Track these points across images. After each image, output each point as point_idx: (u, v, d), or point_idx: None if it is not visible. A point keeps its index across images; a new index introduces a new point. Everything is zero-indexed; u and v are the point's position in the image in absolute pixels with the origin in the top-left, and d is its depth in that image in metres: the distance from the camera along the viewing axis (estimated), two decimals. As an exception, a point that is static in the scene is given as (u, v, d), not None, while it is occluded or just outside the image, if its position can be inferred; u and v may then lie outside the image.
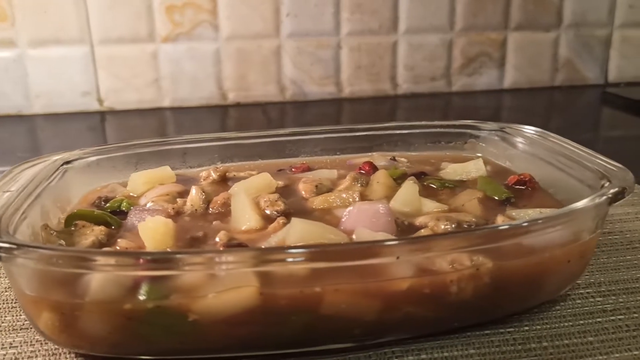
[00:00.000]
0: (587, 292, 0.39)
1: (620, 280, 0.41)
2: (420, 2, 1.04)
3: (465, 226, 0.37)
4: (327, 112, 1.04)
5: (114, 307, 0.30)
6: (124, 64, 0.98)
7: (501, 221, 0.37)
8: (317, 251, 0.29)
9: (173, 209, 0.40)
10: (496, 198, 0.42)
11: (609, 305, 0.38)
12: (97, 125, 0.98)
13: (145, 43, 0.98)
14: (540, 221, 0.32)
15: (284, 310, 0.30)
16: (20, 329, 0.36)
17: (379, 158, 0.51)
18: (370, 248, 0.30)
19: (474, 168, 0.47)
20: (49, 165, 0.42)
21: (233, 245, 0.34)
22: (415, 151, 0.52)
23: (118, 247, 0.35)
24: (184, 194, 0.44)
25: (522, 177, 0.44)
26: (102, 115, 1.00)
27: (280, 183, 0.46)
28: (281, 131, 0.51)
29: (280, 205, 0.39)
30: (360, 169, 0.48)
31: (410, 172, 0.47)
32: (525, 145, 0.47)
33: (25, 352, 0.34)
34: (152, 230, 0.35)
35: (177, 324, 0.30)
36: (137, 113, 1.01)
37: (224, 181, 0.47)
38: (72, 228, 0.37)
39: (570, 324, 0.36)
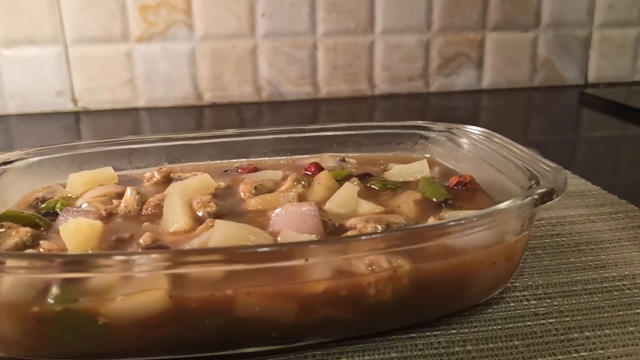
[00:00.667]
0: (523, 295, 0.39)
1: (558, 283, 0.41)
2: (397, 2, 1.03)
3: (395, 227, 0.37)
4: (304, 112, 1.04)
5: (23, 310, 0.29)
6: (98, 64, 0.98)
7: (430, 222, 0.37)
8: (221, 253, 0.29)
9: (105, 210, 0.40)
10: (434, 200, 0.41)
11: (542, 309, 0.37)
12: (72, 125, 0.98)
13: (119, 43, 0.97)
14: (458, 222, 0.31)
15: (196, 312, 0.30)
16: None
17: (328, 159, 0.50)
18: (277, 251, 0.29)
19: (418, 169, 0.46)
20: (-17, 165, 0.41)
21: (152, 247, 0.34)
22: (365, 152, 0.52)
23: (41, 249, 0.35)
24: (123, 195, 0.43)
25: (462, 178, 0.44)
26: (77, 115, 1.00)
27: (222, 184, 0.45)
28: (229, 131, 0.51)
29: (212, 207, 0.39)
30: (306, 169, 0.48)
31: (356, 173, 0.47)
32: (470, 146, 0.46)
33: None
34: (74, 232, 0.34)
35: (88, 327, 0.30)
36: (111, 113, 1.01)
37: (168, 182, 0.46)
38: (1, 229, 0.37)
39: (499, 327, 0.36)
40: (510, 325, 0.36)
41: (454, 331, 0.35)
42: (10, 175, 0.44)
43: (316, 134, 0.52)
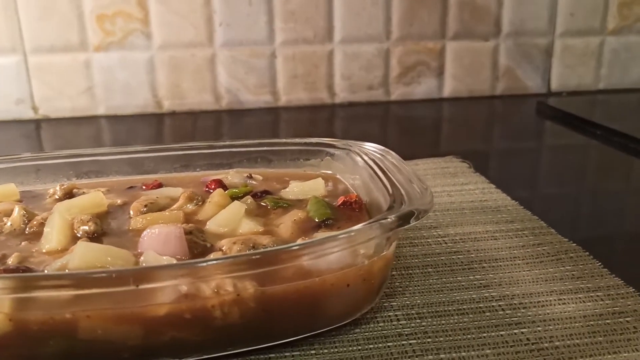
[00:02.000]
0: (395, 315, 0.40)
1: (435, 303, 0.41)
2: (355, 12, 1.04)
3: (261, 249, 0.37)
4: (264, 120, 1.05)
5: None
6: (56, 72, 0.99)
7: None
8: (48, 279, 0.30)
9: (-9, 228, 0.41)
10: (316, 219, 0.42)
11: (408, 329, 0.38)
12: (32, 133, 1.00)
13: (77, 52, 0.99)
14: (301, 247, 0.32)
15: (39, 335, 0.31)
16: None
17: (235, 175, 0.51)
18: (105, 277, 0.30)
19: (313, 187, 0.47)
20: None
21: (15, 268, 0.35)
22: (274, 168, 0.53)
23: None
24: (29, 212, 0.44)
25: (348, 198, 0.44)
26: (37, 123, 1.01)
27: (119, 201, 0.46)
28: (139, 147, 0.52)
29: (91, 226, 0.40)
30: (207, 186, 0.49)
31: (256, 191, 0.48)
32: (363, 163, 0.47)
33: None
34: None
35: None
36: (72, 121, 1.02)
37: (71, 198, 0.47)
38: None
39: (359, 347, 0.36)
40: (370, 347, 0.36)
41: (313, 351, 0.36)
42: None
43: (226, 149, 0.53)
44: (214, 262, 0.31)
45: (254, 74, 1.05)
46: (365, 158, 0.46)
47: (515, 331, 0.38)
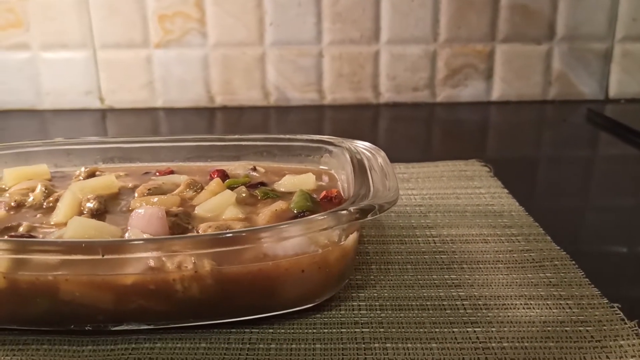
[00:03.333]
0: (358, 305, 0.42)
1: (401, 297, 0.43)
2: (402, 13, 1.05)
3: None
4: (310, 117, 1.09)
5: None
6: (121, 67, 1.08)
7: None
8: (32, 244, 0.35)
9: (16, 201, 0.47)
10: (295, 211, 0.45)
11: (365, 319, 0.40)
12: (99, 121, 1.09)
13: (139, 48, 1.07)
14: (253, 231, 0.35)
15: (28, 293, 0.36)
16: None
17: (239, 167, 0.55)
18: (76, 245, 0.35)
19: (304, 181, 0.50)
20: None
21: (19, 234, 0.40)
22: (278, 162, 0.56)
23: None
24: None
25: (329, 193, 0.47)
26: (103, 112, 1.11)
27: (130, 185, 0.51)
28: (157, 138, 0.57)
29: (95, 204, 0.45)
30: (211, 175, 0.53)
31: (252, 182, 0.51)
32: (352, 160, 0.49)
33: None
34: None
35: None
36: (133, 112, 1.11)
37: (87, 180, 0.53)
38: None
39: (314, 331, 0.39)
40: (324, 331, 0.39)
41: (271, 330, 0.39)
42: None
43: (235, 143, 0.57)
44: (171, 239, 0.35)
45: (301, 73, 1.09)
46: (351, 155, 0.48)
47: (468, 329, 0.39)
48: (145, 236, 0.40)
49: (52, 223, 0.44)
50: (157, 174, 0.55)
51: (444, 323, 0.40)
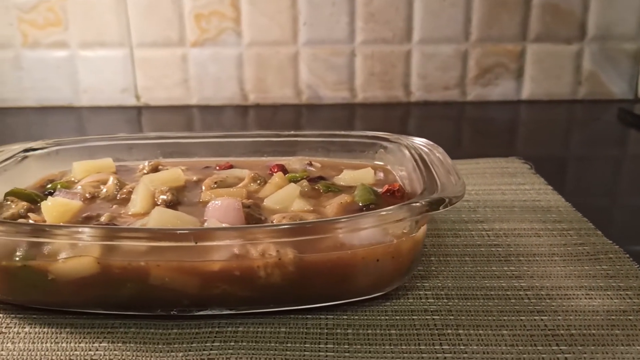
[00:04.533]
0: (425, 294, 0.44)
1: (465, 287, 0.44)
2: (434, 13, 1.07)
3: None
4: (341, 115, 1.10)
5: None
6: (157, 65, 1.10)
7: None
8: (129, 232, 0.37)
9: (90, 193, 0.49)
10: (360, 204, 0.47)
11: (434, 307, 0.42)
12: (134, 118, 1.12)
13: (176, 47, 1.09)
14: (335, 221, 0.37)
15: (119, 277, 0.38)
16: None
17: (296, 162, 0.57)
18: (172, 233, 0.37)
19: (363, 176, 0.52)
20: (7, 152, 0.52)
21: (102, 223, 0.42)
22: (332, 157, 0.58)
23: (31, 220, 0.45)
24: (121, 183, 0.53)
25: (391, 186, 0.48)
26: (139, 109, 1.13)
27: (194, 178, 0.53)
28: (216, 133, 0.59)
29: (169, 196, 0.47)
30: (270, 170, 0.55)
31: (312, 177, 0.53)
32: (410, 156, 0.51)
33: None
34: (50, 209, 0.44)
35: (41, 281, 0.39)
36: (168, 109, 1.13)
37: (155, 173, 0.55)
38: (7, 202, 0.47)
39: (386, 317, 0.41)
40: (397, 317, 0.41)
41: (345, 317, 0.41)
42: (31, 161, 0.54)
43: (291, 139, 0.58)
44: (259, 227, 0.37)
45: (334, 71, 1.11)
46: (412, 151, 0.50)
47: (535, 317, 0.40)
48: (224, 226, 0.41)
49: (129, 213, 0.46)
50: (218, 168, 0.57)
51: (511, 312, 0.41)
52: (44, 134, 1.02)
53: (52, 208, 0.44)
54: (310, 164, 0.57)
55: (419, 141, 0.52)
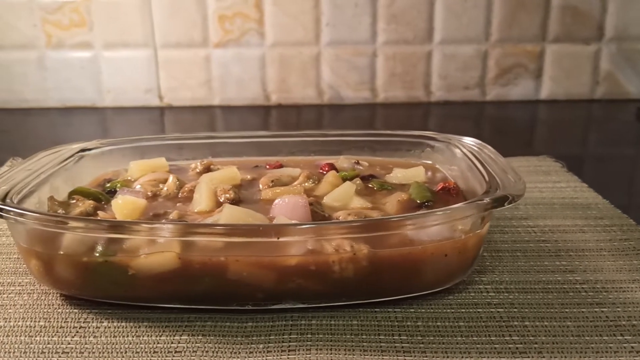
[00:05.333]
0: (485, 288, 0.45)
1: (522, 281, 0.46)
2: (456, 14, 1.08)
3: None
4: (362, 115, 1.12)
5: (76, 260, 0.40)
6: (180, 66, 1.11)
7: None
8: (214, 228, 0.38)
9: (151, 191, 0.50)
10: (418, 201, 0.48)
11: (496, 300, 0.43)
12: (158, 119, 1.13)
13: (199, 48, 1.10)
14: (408, 217, 0.38)
15: (198, 272, 0.39)
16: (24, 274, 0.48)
17: (344, 161, 0.58)
18: (254, 229, 0.38)
19: (415, 174, 0.53)
20: (67, 152, 0.53)
21: (173, 221, 0.44)
22: (379, 156, 0.59)
23: (99, 217, 0.46)
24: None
25: (447, 184, 0.50)
26: (162, 110, 1.14)
27: (249, 177, 0.55)
28: (262, 133, 0.60)
29: (231, 194, 0.48)
30: (321, 168, 0.56)
31: (363, 175, 0.55)
32: (462, 155, 0.52)
33: (26, 291, 0.45)
34: (121, 206, 0.45)
35: (121, 276, 0.40)
36: (191, 109, 1.14)
37: (208, 172, 0.56)
38: (72, 201, 0.49)
39: (452, 310, 0.42)
40: (462, 310, 0.42)
41: (412, 310, 0.42)
42: (87, 160, 0.55)
43: (337, 138, 0.60)
44: (339, 224, 0.38)
45: (355, 72, 1.12)
46: (465, 150, 0.52)
47: (596, 309, 0.42)
48: (293, 222, 0.43)
49: (195, 211, 0.47)
50: (268, 167, 0.58)
51: (571, 304, 0.43)
52: (67, 135, 1.03)
53: (123, 206, 0.45)
54: (358, 163, 0.58)
55: (469, 140, 0.53)
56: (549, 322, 0.41)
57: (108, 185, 0.53)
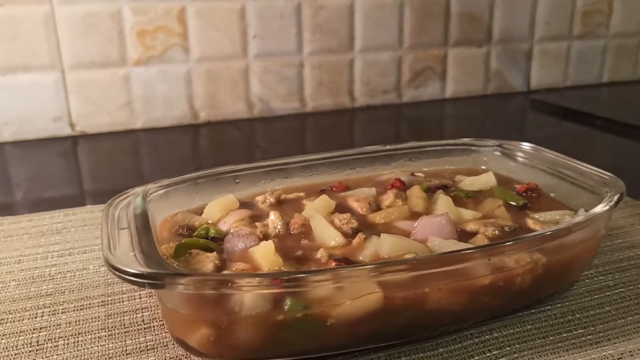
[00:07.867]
0: (590, 274, 0.50)
1: (609, 262, 0.52)
2: (373, 23, 1.14)
3: (507, 230, 0.46)
4: (293, 126, 1.12)
5: (266, 319, 0.36)
6: (95, 88, 0.99)
7: (532, 223, 0.47)
8: (427, 260, 0.38)
9: (261, 232, 0.46)
10: (514, 204, 0.52)
11: (610, 282, 0.49)
12: (69, 150, 0.99)
13: (116, 67, 1.00)
14: (578, 223, 0.42)
15: (399, 309, 0.38)
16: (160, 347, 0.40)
17: (400, 174, 0.59)
18: (470, 254, 0.38)
19: (487, 180, 0.56)
20: (141, 199, 0.46)
21: (338, 259, 0.41)
22: (425, 167, 0.61)
23: (234, 269, 0.41)
24: (253, 218, 0.50)
25: (529, 185, 0.54)
26: (74, 139, 1.01)
27: (334, 203, 0.53)
28: (312, 156, 0.58)
29: (354, 223, 0.47)
30: (392, 185, 0.56)
31: (434, 186, 0.56)
32: (524, 158, 0.57)
33: (167, 368, 0.39)
34: (268, 253, 0.41)
35: (318, 327, 0.37)
36: (110, 136, 1.02)
37: (280, 203, 0.53)
38: (187, 256, 0.42)
39: (588, 298, 0.47)
40: (596, 297, 0.47)
41: (559, 305, 0.46)
42: (151, 206, 0.48)
43: (385, 153, 0.60)
44: (533, 237, 0.40)
45: (284, 83, 1.11)
46: (528, 153, 0.57)
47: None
48: (450, 242, 0.43)
49: (331, 245, 0.44)
50: (334, 189, 0.56)
51: (663, 275, 0.50)
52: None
53: (268, 252, 0.41)
54: (413, 174, 0.60)
55: (524, 144, 0.58)
56: (664, 293, 0.47)
57: (194, 232, 0.47)
